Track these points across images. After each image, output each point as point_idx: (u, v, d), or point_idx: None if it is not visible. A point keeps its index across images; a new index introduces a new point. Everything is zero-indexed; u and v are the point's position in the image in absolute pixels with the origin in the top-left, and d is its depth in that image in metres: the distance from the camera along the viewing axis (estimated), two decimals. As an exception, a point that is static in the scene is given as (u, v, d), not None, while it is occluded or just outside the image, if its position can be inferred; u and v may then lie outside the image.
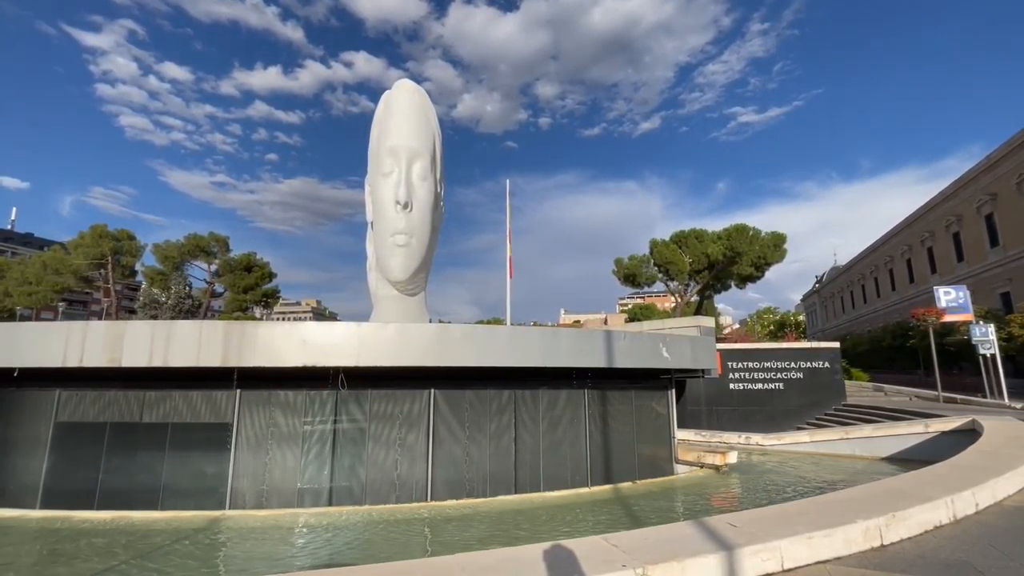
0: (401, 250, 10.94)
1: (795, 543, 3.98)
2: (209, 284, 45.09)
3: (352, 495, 8.04)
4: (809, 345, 19.16)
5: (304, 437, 8.13)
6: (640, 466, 10.07)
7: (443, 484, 8.40)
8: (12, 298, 43.81)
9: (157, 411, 8.05)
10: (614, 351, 8.92)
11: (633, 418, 10.23)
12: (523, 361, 8.24)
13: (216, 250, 43.85)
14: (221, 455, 7.89)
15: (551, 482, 9.04)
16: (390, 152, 11.05)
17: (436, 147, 11.75)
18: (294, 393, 8.20)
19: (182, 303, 44.67)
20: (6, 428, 8.08)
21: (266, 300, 46.39)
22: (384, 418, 8.42)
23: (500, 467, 8.78)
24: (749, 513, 4.74)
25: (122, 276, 45.76)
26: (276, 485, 7.91)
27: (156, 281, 44.78)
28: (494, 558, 3.58)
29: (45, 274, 42.93)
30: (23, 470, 7.91)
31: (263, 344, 7.47)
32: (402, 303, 11.65)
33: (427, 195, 11.20)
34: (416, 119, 11.36)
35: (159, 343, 7.35)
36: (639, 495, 8.86)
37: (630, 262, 36.90)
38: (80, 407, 8.05)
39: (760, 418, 17.14)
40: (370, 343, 7.67)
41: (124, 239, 43.81)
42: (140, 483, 7.81)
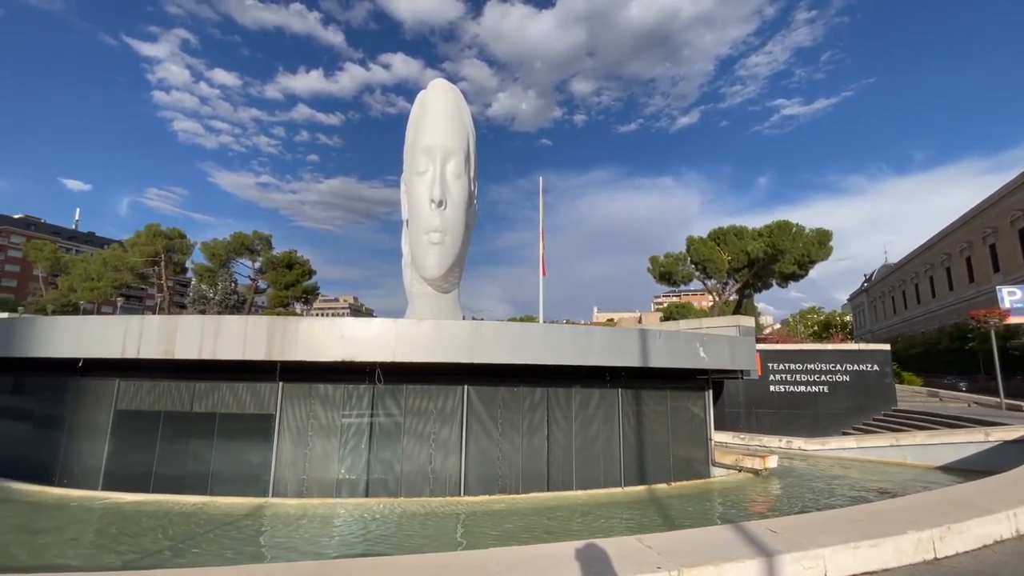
0: (435, 247, 11.11)
1: (840, 552, 3.83)
2: (253, 281, 46.97)
3: (387, 487, 8.23)
4: (857, 347, 18.31)
5: (342, 430, 8.37)
6: (675, 468, 9.88)
7: (476, 479, 8.49)
8: (76, 293, 46.87)
9: (206, 401, 8.45)
10: (649, 350, 8.79)
11: (668, 419, 10.05)
12: (556, 359, 8.22)
13: (260, 248, 45.63)
14: (265, 445, 8.21)
15: (584, 481, 8.99)
16: (425, 151, 11.22)
17: (470, 146, 11.85)
18: (333, 387, 8.45)
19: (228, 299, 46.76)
20: (72, 414, 8.67)
21: (306, 296, 47.96)
22: (419, 413, 8.57)
23: (532, 464, 8.80)
24: (791, 519, 4.59)
25: (174, 273, 48.29)
26: (316, 475, 8.18)
27: (205, 277, 47.02)
28: (527, 554, 3.61)
29: (105, 271, 45.74)
30: (87, 454, 8.47)
31: (304, 339, 7.74)
32: (436, 300, 11.82)
33: (461, 193, 11.32)
34: (450, 118, 11.48)
35: (208, 337, 7.72)
36: (673, 497, 8.70)
37: (666, 260, 36.17)
38: (137, 396, 8.55)
39: (802, 422, 16.51)
40: (406, 339, 7.82)
41: (176, 238, 46.19)
42: (191, 469, 8.23)
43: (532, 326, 8.53)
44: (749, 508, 8.25)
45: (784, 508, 8.14)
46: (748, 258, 33.15)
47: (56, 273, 53.11)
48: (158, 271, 45.48)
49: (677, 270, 35.53)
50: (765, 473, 10.04)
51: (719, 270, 33.73)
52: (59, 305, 47.75)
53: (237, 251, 44.99)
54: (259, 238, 45.39)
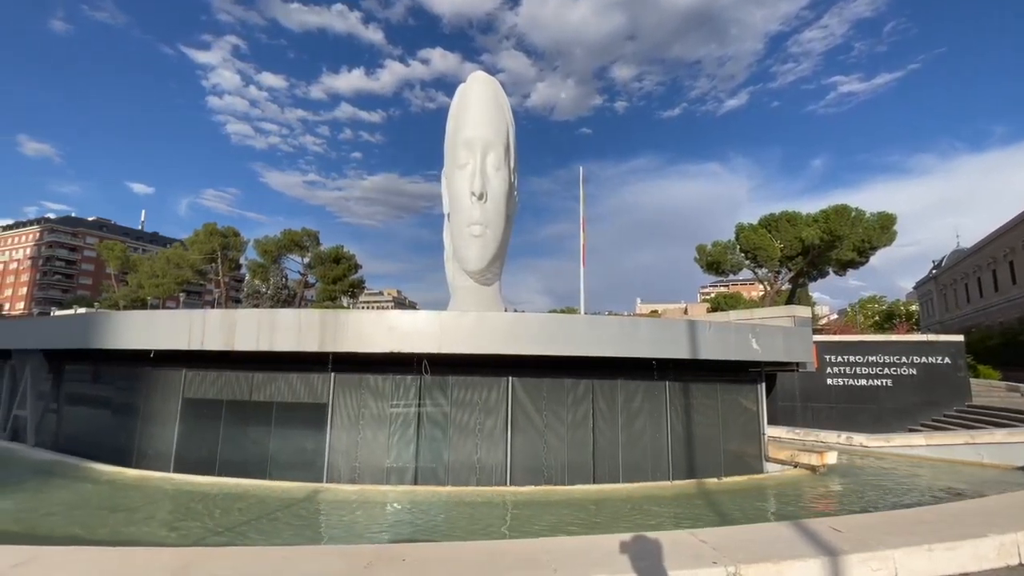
0: (477, 240, 11.17)
1: (912, 554, 3.60)
2: (303, 275, 48.91)
3: (435, 476, 8.40)
4: (925, 338, 17.11)
5: (391, 419, 8.59)
6: (726, 462, 9.59)
7: (521, 470, 8.53)
8: (144, 289, 50.29)
9: (264, 391, 8.87)
10: (698, 342, 8.53)
11: (718, 412, 9.74)
12: (601, 350, 8.11)
13: (308, 244, 47.44)
14: (319, 433, 8.55)
15: (630, 473, 8.87)
16: (465, 144, 11.26)
17: (509, 137, 11.81)
18: (382, 377, 8.68)
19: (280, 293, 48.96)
20: (146, 402, 9.32)
21: (352, 290, 49.55)
22: (464, 403, 8.68)
23: (578, 456, 8.75)
24: (856, 518, 4.36)
25: (229, 269, 50.93)
26: (367, 462, 8.45)
27: (258, 273, 49.38)
28: (577, 544, 3.59)
29: (168, 268, 48.82)
30: (159, 438, 9.09)
31: (354, 331, 7.97)
32: (478, 292, 11.90)
33: (501, 185, 11.31)
34: (490, 110, 11.47)
35: (264, 329, 8.09)
36: (724, 492, 8.45)
37: (714, 249, 34.94)
38: (202, 385, 9.08)
39: (864, 417, 15.62)
40: (450, 330, 7.92)
41: (231, 236, 48.69)
42: (251, 454, 8.68)
43: (576, 317, 8.44)
44: (806, 506, 7.89)
45: (845, 507, 7.73)
46: (802, 245, 31.56)
47: (126, 271, 57.17)
48: (215, 268, 48.12)
49: (725, 259, 34.28)
50: (823, 470, 9.58)
51: (771, 258, 32.29)
52: (129, 301, 51.41)
53: (287, 247, 46.96)
54: (307, 234, 47.18)
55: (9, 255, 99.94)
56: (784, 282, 34.82)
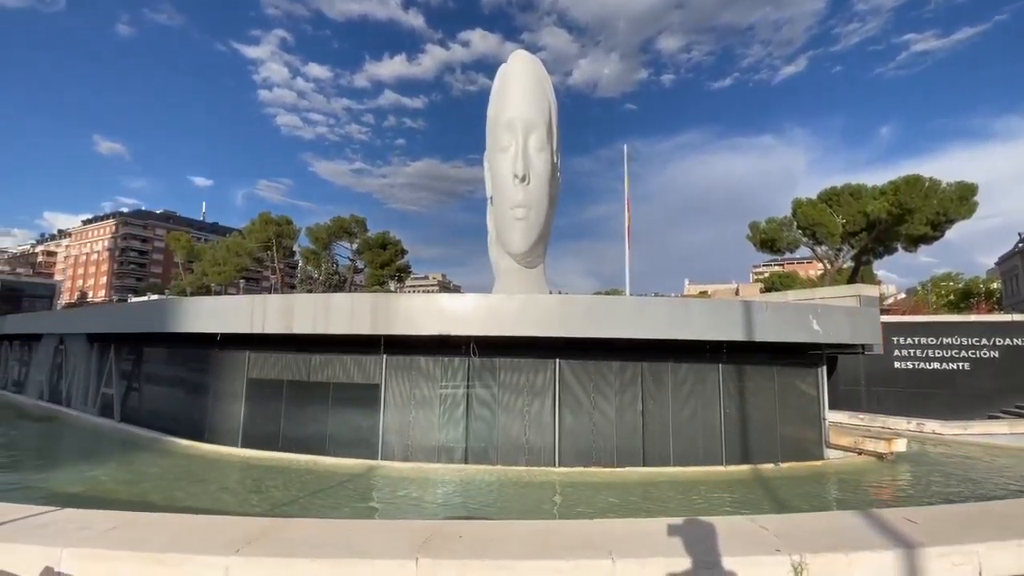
0: (520, 223, 11.11)
1: (998, 549, 3.35)
2: (352, 261, 50.54)
3: (484, 455, 8.56)
4: (1010, 318, 15.69)
5: (441, 400, 8.79)
6: (783, 447, 9.23)
7: (570, 451, 8.55)
8: (208, 276, 53.50)
9: (321, 372, 9.27)
10: (754, 323, 8.18)
11: (775, 396, 9.37)
12: (650, 333, 7.94)
13: (356, 230, 48.85)
14: (373, 412, 8.87)
15: (681, 457, 8.71)
16: (507, 125, 11.15)
17: (552, 117, 11.59)
18: (432, 359, 8.87)
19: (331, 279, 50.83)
20: (216, 382, 9.96)
21: (399, 275, 50.80)
22: (512, 385, 8.75)
23: (627, 438, 8.67)
24: (933, 509, 4.10)
25: (283, 256, 53.26)
26: (418, 441, 8.71)
27: (310, 259, 51.44)
28: (633, 527, 3.56)
29: (229, 256, 51.64)
30: (227, 416, 9.71)
31: (404, 314, 8.17)
32: (522, 275, 11.88)
33: (544, 166, 11.15)
34: (531, 90, 11.28)
35: (320, 313, 8.42)
36: (782, 478, 8.16)
37: (768, 226, 33.19)
38: (265, 367, 9.59)
39: (935, 403, 14.60)
40: (498, 313, 7.97)
41: (284, 224, 50.79)
42: (311, 432, 9.13)
43: (624, 299, 8.28)
44: (873, 495, 7.50)
45: (917, 497, 7.28)
46: (867, 220, 29.46)
47: (191, 259, 60.96)
48: (271, 255, 50.47)
49: (781, 237, 32.51)
50: (891, 457, 9.05)
51: (831, 235, 30.37)
52: (195, 287, 54.86)
53: (337, 234, 48.55)
54: (355, 221, 48.57)
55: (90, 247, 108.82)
56: (846, 260, 32.75)
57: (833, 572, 3.10)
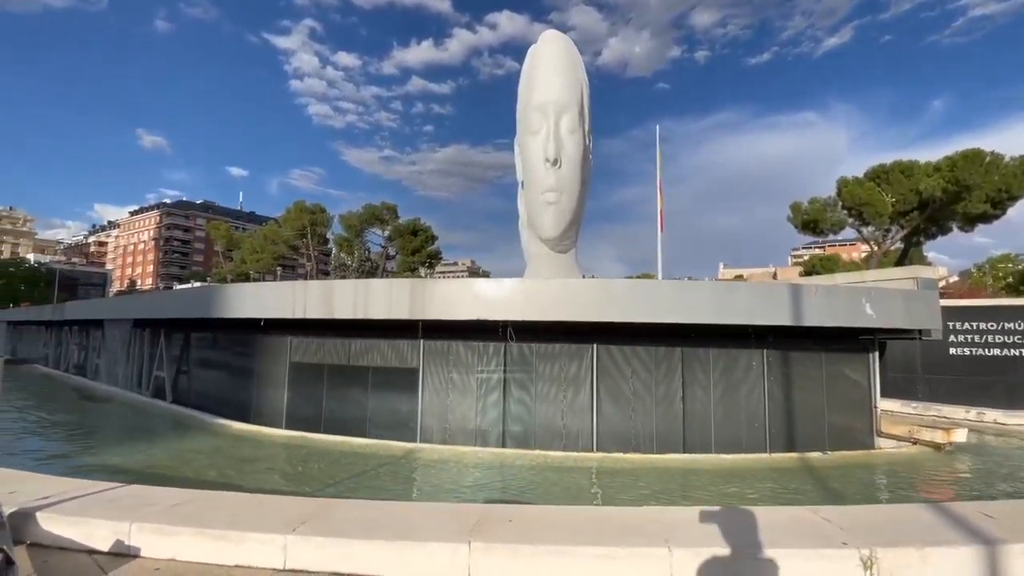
0: (552, 207, 10.93)
1: (1091, 549, 3.10)
2: (384, 248, 51.28)
3: (522, 439, 8.58)
4: (1079, 301, 14.62)
5: (478, 384, 8.83)
6: (831, 436, 8.91)
7: (608, 437, 8.48)
8: (247, 263, 55.32)
9: (361, 356, 9.44)
10: (802, 307, 7.85)
11: (823, 383, 9.02)
12: (691, 317, 7.72)
13: (387, 217, 49.46)
14: (411, 396, 8.99)
15: (723, 444, 8.51)
16: (538, 108, 10.92)
17: (584, 98, 11.30)
18: (469, 344, 8.89)
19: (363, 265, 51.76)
20: (260, 365, 10.28)
21: (430, 261, 51.29)
22: (549, 370, 8.70)
23: (667, 424, 8.53)
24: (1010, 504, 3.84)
25: (318, 243, 54.51)
26: (456, 425, 8.79)
27: (343, 246, 52.44)
28: (686, 514, 3.46)
29: (266, 244, 53.17)
30: (272, 398, 10.03)
31: (441, 298, 8.19)
32: (554, 260, 11.72)
33: (576, 149, 10.92)
34: (563, 71, 11.00)
35: (360, 298, 8.52)
36: (831, 467, 7.87)
37: (811, 206, 31.78)
38: (307, 351, 9.83)
39: (996, 391, 13.78)
40: (534, 298, 7.89)
41: (318, 212, 51.86)
42: (351, 414, 9.34)
43: (665, 283, 8.06)
44: (932, 487, 7.14)
45: (980, 490, 6.89)
46: (919, 198, 27.87)
47: (231, 248, 63.07)
48: (306, 242, 51.71)
49: (824, 217, 31.13)
50: (949, 448, 8.60)
51: (879, 215, 28.88)
52: (235, 275, 56.83)
53: (368, 221, 49.29)
54: (386, 208, 49.16)
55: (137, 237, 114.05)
56: (895, 241, 31.15)
57: (905, 567, 2.94)
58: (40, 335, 24.78)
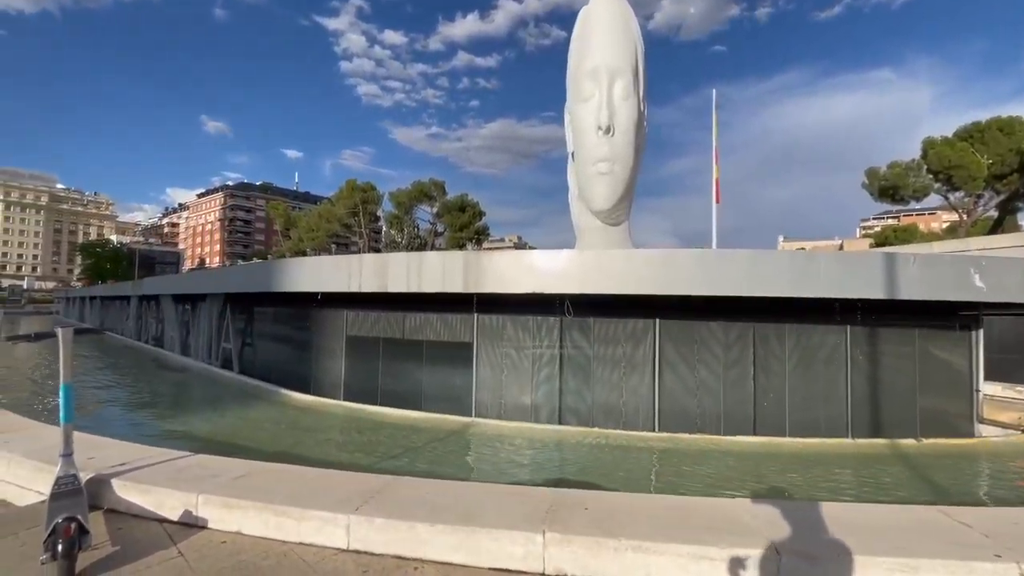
0: (604, 178, 10.29)
1: None
2: (432, 225, 51.71)
3: (579, 416, 8.28)
4: None
5: (533, 359, 8.56)
6: (923, 421, 8.05)
7: (671, 416, 8.03)
8: (303, 242, 57.39)
9: (415, 330, 9.37)
10: (897, 278, 7.00)
11: (915, 362, 8.13)
12: (767, 290, 7.06)
13: (435, 194, 49.67)
14: (465, 370, 8.86)
15: (799, 427, 7.88)
16: (590, 74, 10.22)
17: (638, 61, 10.46)
18: (524, 318, 8.61)
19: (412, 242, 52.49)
20: (319, 339, 10.46)
21: (478, 237, 51.29)
22: (608, 345, 8.30)
23: (736, 405, 7.97)
24: None
25: (369, 221, 55.68)
26: (511, 400, 8.60)
27: (393, 223, 53.32)
28: (787, 510, 3.03)
29: (321, 222, 54.83)
30: (331, 370, 10.20)
31: (495, 271, 7.90)
32: (605, 233, 11.12)
33: (630, 116, 10.17)
34: (616, 32, 10.19)
35: (413, 272, 8.38)
36: (928, 456, 7.10)
37: (890, 171, 28.92)
38: (364, 325, 9.88)
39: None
40: (594, 270, 7.45)
41: (368, 190, 52.77)
42: (406, 387, 9.33)
43: (738, 253, 7.39)
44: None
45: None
46: (1021, 159, 24.80)
47: (288, 227, 65.61)
48: (358, 220, 52.91)
49: (906, 183, 28.29)
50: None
51: (972, 179, 25.92)
52: (293, 252, 59.13)
53: (417, 198, 49.71)
54: (435, 185, 49.34)
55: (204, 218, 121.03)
56: (989, 207, 28.02)
57: (1079, 589, 2.40)
58: (123, 309, 26.76)
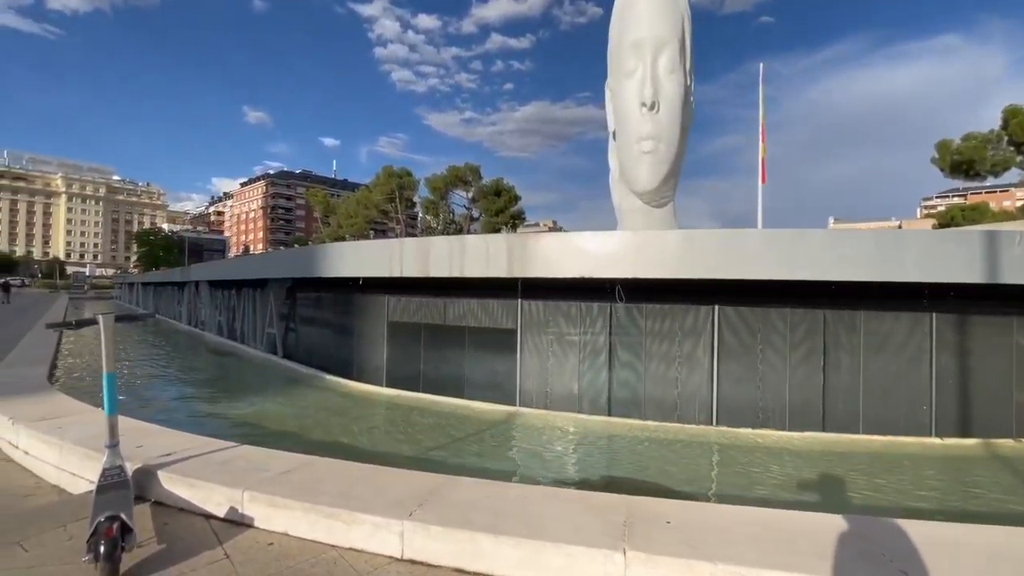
0: (648, 157, 9.67)
1: None
2: (468, 210, 51.58)
3: (629, 408, 7.85)
4: None
5: (580, 347, 8.15)
6: (1018, 419, 7.22)
7: (731, 409, 7.49)
8: (342, 228, 58.45)
9: (457, 316, 9.10)
10: (999, 260, 6.19)
11: (1012, 354, 7.26)
12: (848, 274, 6.39)
13: (471, 179, 49.42)
14: (509, 357, 8.54)
15: (875, 424, 7.20)
16: (633, 47, 9.56)
17: (685, 31, 9.71)
18: (571, 304, 8.20)
19: (448, 228, 52.57)
20: (361, 324, 10.36)
21: (513, 222, 50.84)
22: (662, 333, 7.79)
23: (803, 398, 7.35)
24: None
25: (405, 207, 56.07)
26: (557, 389, 8.24)
27: (429, 209, 53.50)
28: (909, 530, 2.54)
29: (358, 209, 55.60)
30: (373, 356, 10.10)
31: (541, 255, 7.50)
32: (649, 216, 10.47)
33: (676, 90, 9.47)
34: (660, 2, 9.47)
35: (456, 256, 8.08)
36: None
37: (966, 144, 26.46)
38: (405, 311, 9.69)
39: None
40: (649, 252, 6.94)
41: (404, 176, 53.06)
42: (448, 374, 9.12)
43: (813, 233, 6.71)
44: None
45: None
46: (1118, 128, 22.25)
47: (327, 213, 66.96)
48: (394, 206, 53.37)
49: (983, 157, 25.84)
50: None
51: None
52: (332, 239, 60.34)
53: (453, 183, 49.61)
54: (470, 169, 49.07)
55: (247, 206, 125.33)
56: (1078, 183, 25.38)
57: None
58: (175, 295, 27.87)
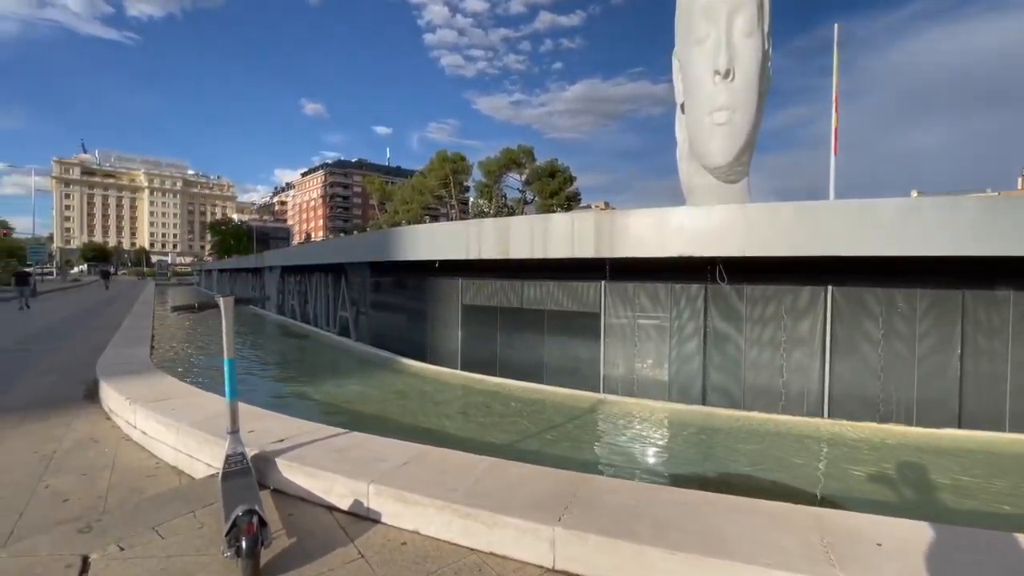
0: (722, 129, 8.74)
1: None
2: (522, 193, 51.10)
3: (726, 397, 7.27)
4: None
5: (672, 332, 7.62)
6: None
7: (845, 401, 6.76)
8: (399, 214, 59.60)
9: (535, 299, 8.78)
10: None
11: None
12: (1009, 248, 5.50)
13: (524, 161, 48.82)
14: (592, 342, 8.14)
15: (1020, 421, 6.27)
16: (704, 11, 8.61)
17: None
18: (661, 285, 7.66)
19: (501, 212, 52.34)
20: (435, 307, 10.27)
21: (568, 203, 49.90)
22: (764, 316, 7.12)
23: (933, 390, 6.50)
24: None
25: (459, 192, 56.32)
26: (645, 376, 7.78)
27: (483, 193, 53.45)
28: None
29: (414, 194, 56.40)
30: (447, 339, 10.00)
31: (633, 233, 7.01)
32: (722, 193, 9.54)
33: (753, 55, 8.46)
34: None
35: (538, 236, 7.72)
36: None
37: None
38: (479, 294, 9.48)
39: None
40: (760, 228, 6.29)
41: (458, 161, 53.18)
42: (526, 358, 8.84)
43: (965, 200, 5.82)
44: None
45: None
46: None
47: (384, 200, 68.48)
48: (449, 191, 53.71)
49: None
50: None
51: None
52: (389, 225, 61.75)
53: (506, 166, 49.22)
54: (523, 151, 48.44)
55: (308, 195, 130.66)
56: None
57: None
58: (248, 280, 29.33)
